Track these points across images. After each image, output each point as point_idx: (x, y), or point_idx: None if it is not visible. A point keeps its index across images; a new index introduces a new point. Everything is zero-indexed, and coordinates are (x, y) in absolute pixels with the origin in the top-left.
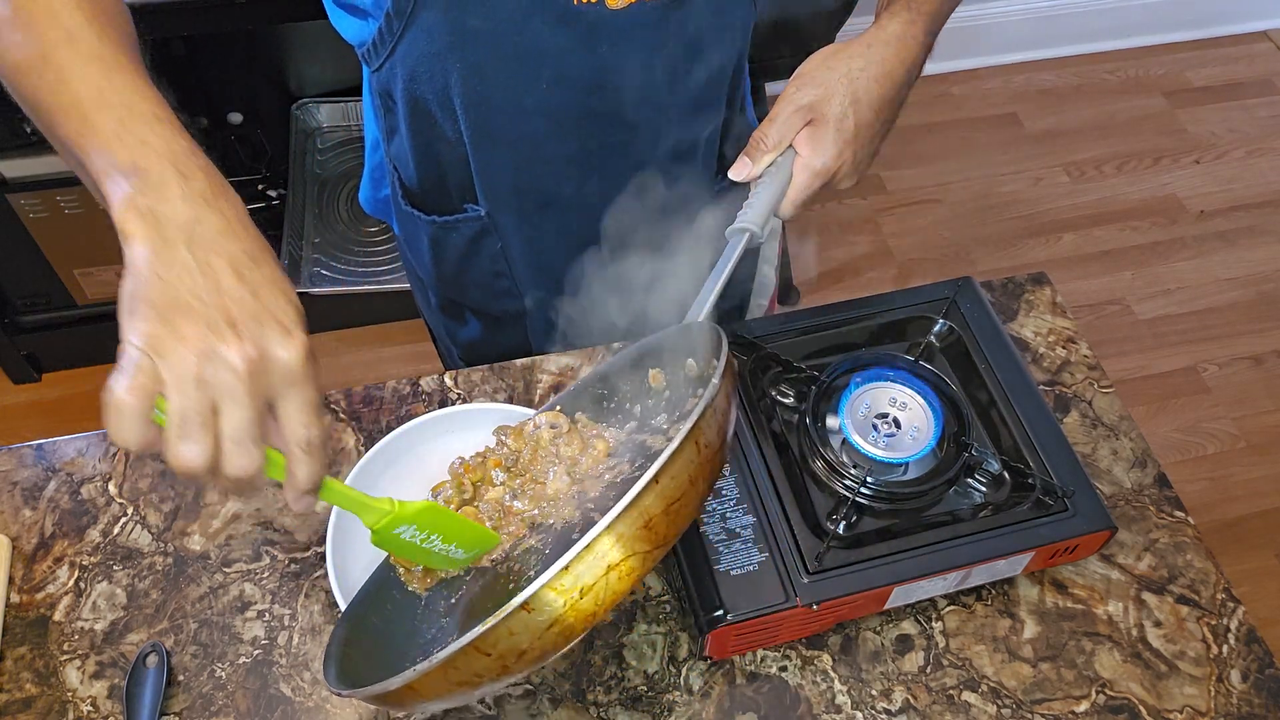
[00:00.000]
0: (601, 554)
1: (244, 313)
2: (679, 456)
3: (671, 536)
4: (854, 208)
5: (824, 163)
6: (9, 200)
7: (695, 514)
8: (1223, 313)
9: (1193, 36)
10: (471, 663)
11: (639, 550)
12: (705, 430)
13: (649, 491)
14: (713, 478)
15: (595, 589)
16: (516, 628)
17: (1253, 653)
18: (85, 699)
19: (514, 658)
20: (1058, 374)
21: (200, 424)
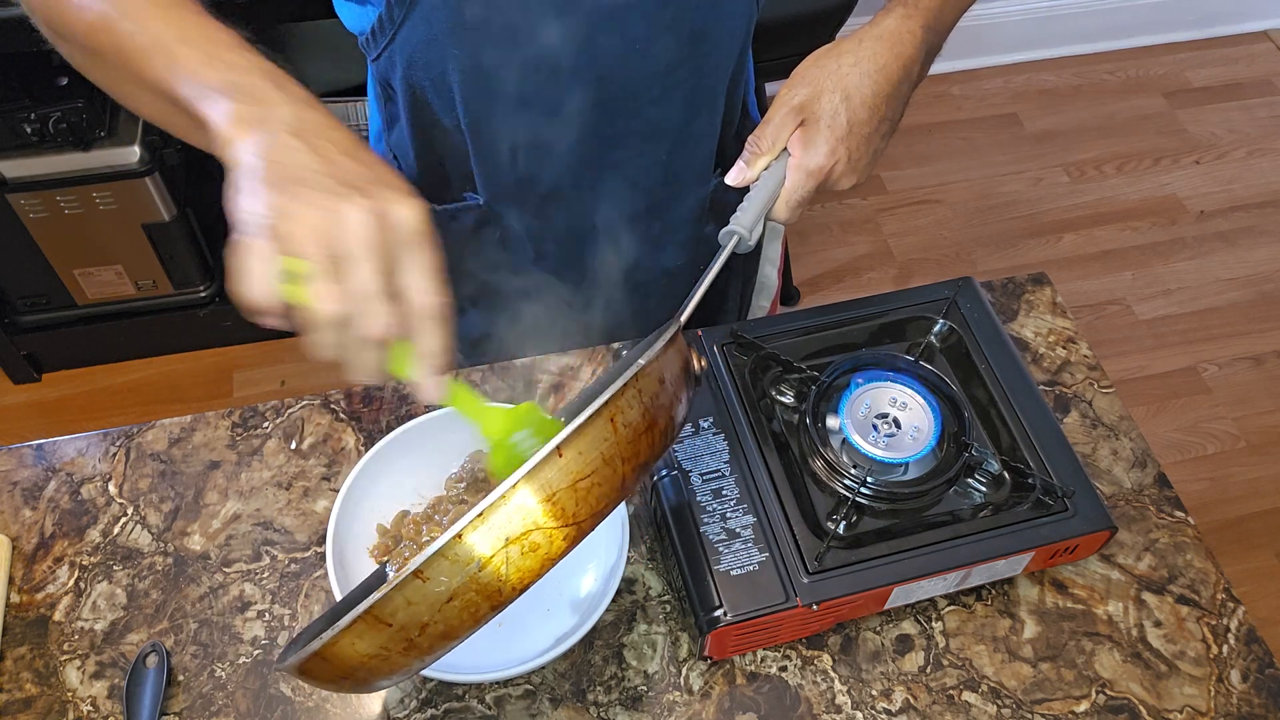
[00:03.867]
0: (498, 524)
1: (363, 179)
2: (586, 431)
3: (583, 517)
4: (854, 208)
5: (817, 162)
6: (9, 200)
7: (617, 497)
8: (1223, 313)
9: (1193, 36)
10: (374, 634)
11: (542, 526)
12: (624, 409)
13: (549, 464)
14: (640, 461)
15: (494, 563)
16: (414, 597)
17: (1253, 653)
18: (85, 699)
19: (417, 630)
20: (1058, 374)
21: (338, 275)
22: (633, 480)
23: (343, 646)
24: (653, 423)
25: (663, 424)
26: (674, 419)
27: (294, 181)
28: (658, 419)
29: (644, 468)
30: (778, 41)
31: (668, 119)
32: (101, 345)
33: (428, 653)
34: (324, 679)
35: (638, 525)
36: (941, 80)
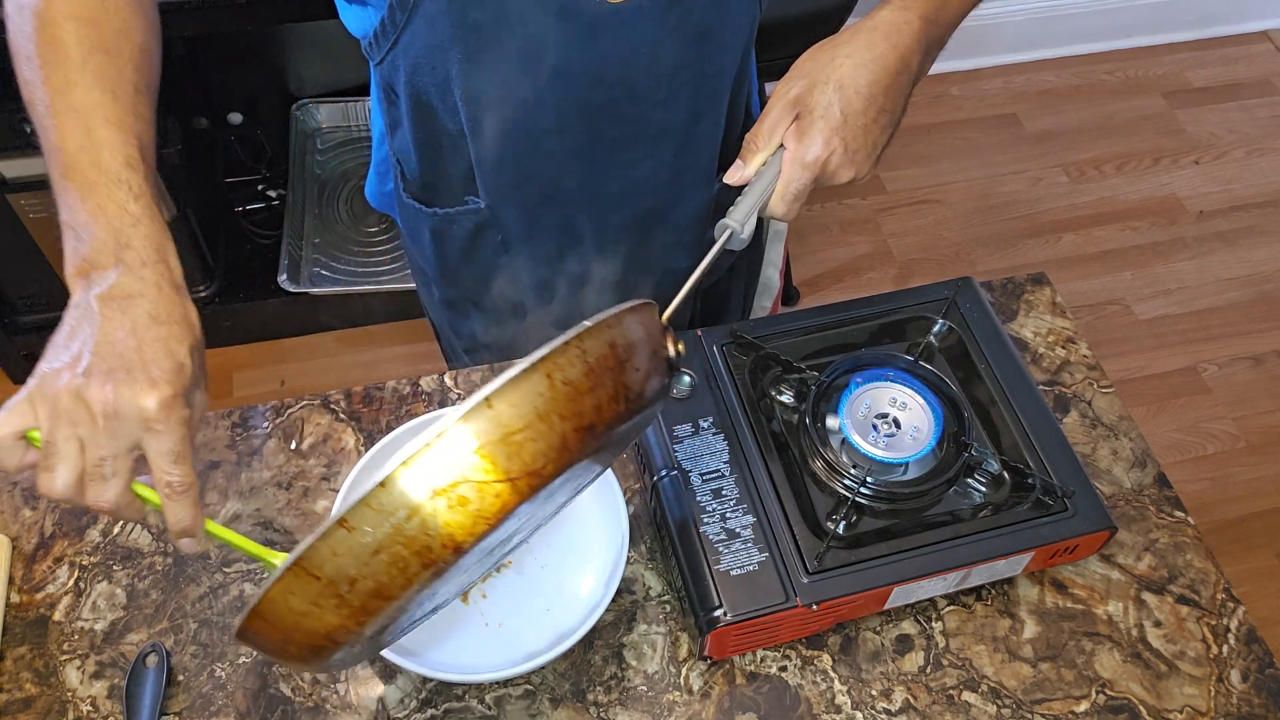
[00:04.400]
0: (422, 473)
1: (120, 364)
2: (521, 384)
3: (517, 473)
4: (854, 208)
5: (812, 154)
6: (9, 200)
7: (559, 458)
8: (1223, 313)
9: (1192, 36)
10: (305, 587)
11: (471, 478)
12: (564, 366)
13: (478, 413)
14: (583, 423)
15: (422, 514)
16: (339, 547)
17: (1253, 653)
18: (85, 699)
19: (346, 584)
20: (1058, 374)
21: (60, 456)
22: (577, 442)
23: (277, 602)
24: (598, 384)
25: (612, 389)
26: (628, 388)
27: (68, 354)
28: (604, 382)
29: (590, 432)
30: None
31: (672, 121)
32: None
33: (362, 612)
34: (270, 643)
35: (638, 525)
36: (941, 80)
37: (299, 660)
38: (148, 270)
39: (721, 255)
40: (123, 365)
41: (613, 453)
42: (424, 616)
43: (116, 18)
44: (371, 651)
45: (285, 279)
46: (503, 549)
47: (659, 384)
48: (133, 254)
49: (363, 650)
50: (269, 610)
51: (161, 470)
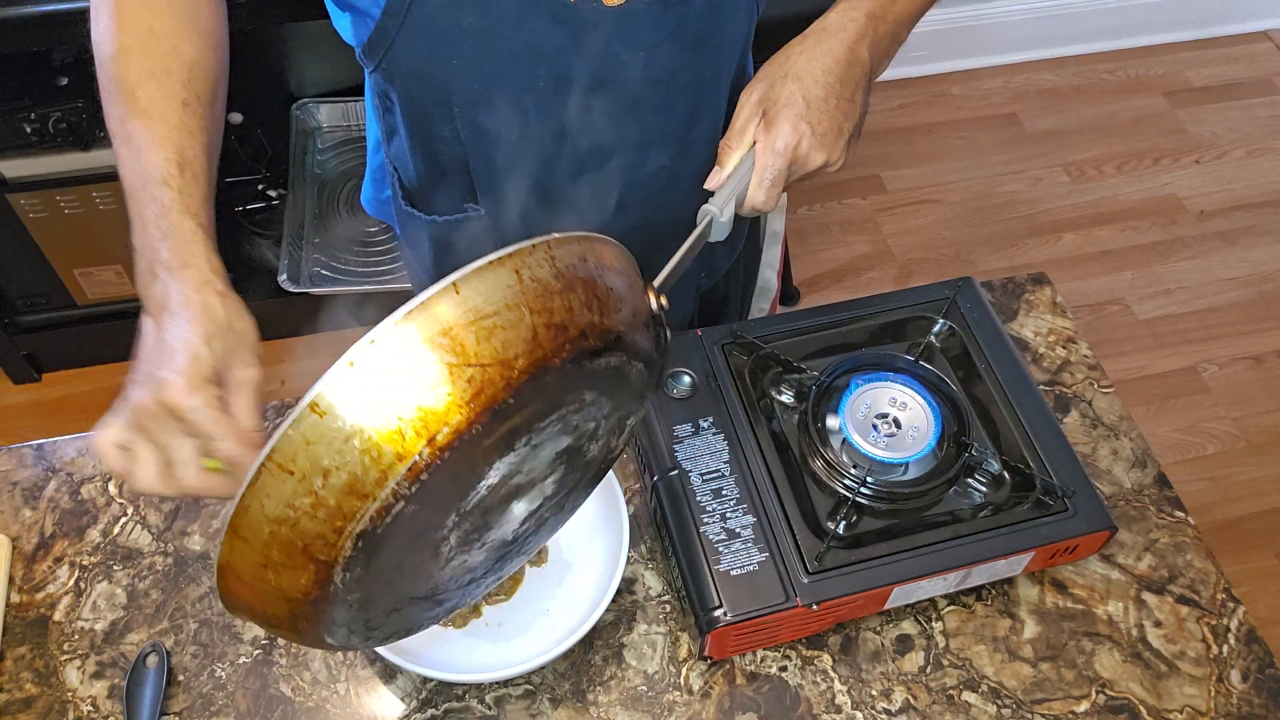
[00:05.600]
0: (387, 353)
1: (147, 370)
2: (488, 273)
3: (487, 359)
4: (854, 208)
5: (782, 140)
6: (9, 200)
7: (529, 350)
8: (1223, 313)
9: (1193, 36)
10: (278, 485)
11: (438, 360)
12: (532, 265)
13: (444, 297)
14: (554, 320)
15: (388, 395)
16: (311, 435)
17: (1253, 653)
18: (85, 699)
19: (320, 478)
20: (1058, 374)
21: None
22: (549, 340)
23: (253, 511)
24: (568, 288)
25: (584, 296)
26: (602, 301)
27: (137, 367)
28: (574, 287)
29: (562, 332)
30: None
31: (670, 125)
32: (101, 345)
33: (338, 516)
34: (251, 577)
35: (638, 525)
36: (941, 80)
37: (291, 606)
38: (172, 278)
39: (705, 243)
40: (148, 370)
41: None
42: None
43: (165, 42)
44: (373, 631)
45: (285, 279)
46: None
47: (640, 325)
48: (161, 266)
49: (359, 612)
50: (245, 524)
51: (209, 449)
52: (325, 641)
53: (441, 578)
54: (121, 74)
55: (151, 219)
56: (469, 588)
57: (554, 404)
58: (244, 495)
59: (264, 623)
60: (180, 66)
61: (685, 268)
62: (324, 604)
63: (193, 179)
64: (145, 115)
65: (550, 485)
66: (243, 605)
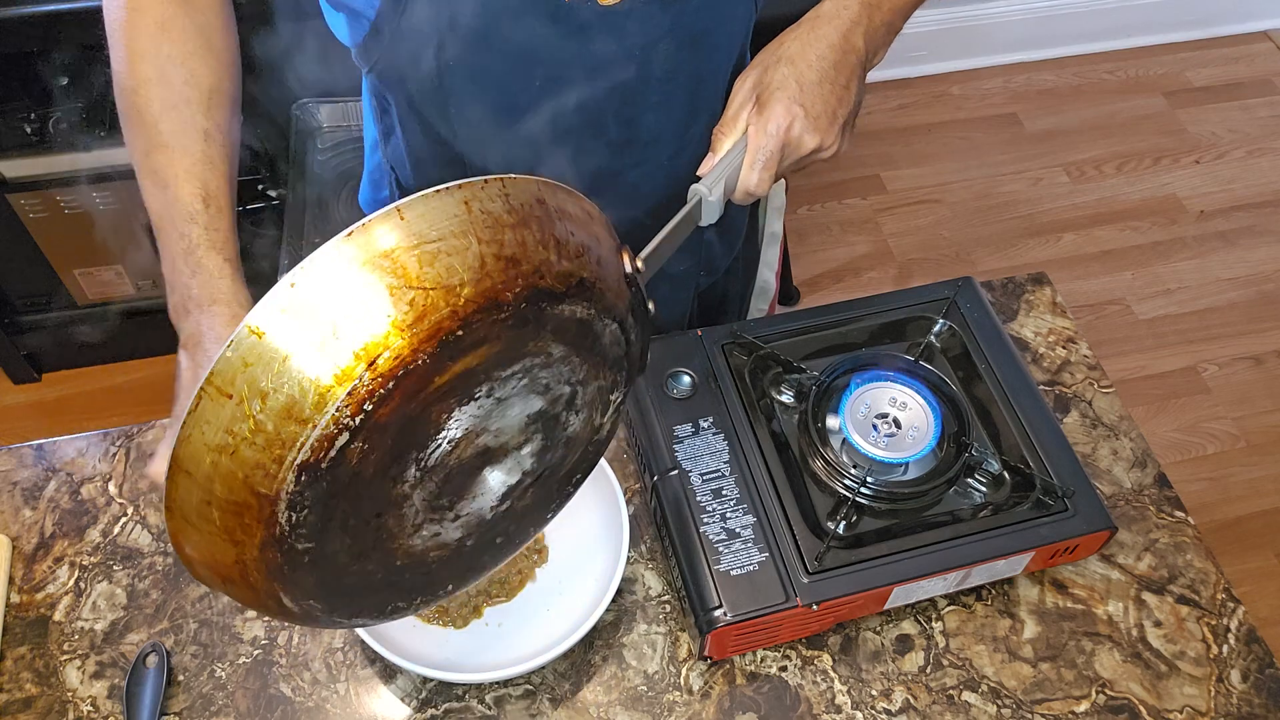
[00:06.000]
0: (326, 273)
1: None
2: (434, 200)
3: (428, 281)
4: (854, 208)
5: (775, 122)
6: (9, 200)
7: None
8: (1223, 313)
9: (1193, 36)
10: (218, 410)
11: (378, 281)
12: (483, 198)
13: (386, 219)
14: (504, 253)
15: (326, 316)
16: (249, 356)
17: (1253, 653)
18: (85, 699)
19: (258, 400)
20: (1058, 374)
21: None
22: (496, 268)
23: (194, 440)
24: (522, 223)
25: (539, 235)
26: (559, 241)
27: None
28: (528, 224)
29: (512, 263)
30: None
31: (667, 124)
32: (101, 345)
33: (276, 443)
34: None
35: (638, 525)
36: (941, 80)
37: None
38: (204, 315)
39: (695, 225)
40: None
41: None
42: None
43: (183, 69)
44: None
45: None
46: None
47: (609, 280)
48: (192, 302)
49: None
50: (187, 455)
51: None
52: (283, 604)
53: (413, 547)
54: (143, 105)
55: (180, 255)
56: (449, 571)
57: (515, 351)
58: (185, 423)
59: (218, 575)
60: (199, 95)
61: (674, 246)
62: (271, 550)
63: (218, 212)
64: (168, 149)
65: (529, 458)
66: (193, 555)
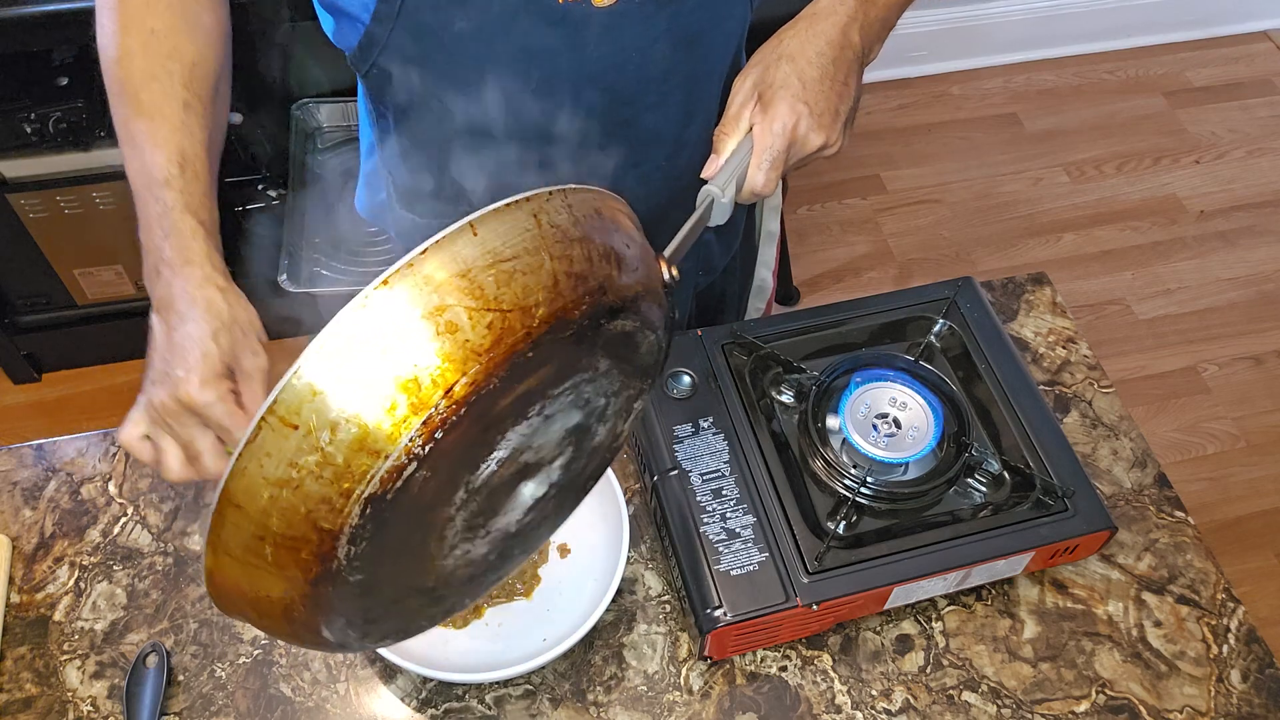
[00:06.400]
0: (401, 293)
1: (161, 368)
2: (506, 216)
3: (506, 304)
4: (854, 208)
5: (780, 119)
6: (9, 200)
7: (549, 299)
8: (1223, 313)
9: (1193, 36)
10: (282, 443)
11: (459, 304)
12: (550, 211)
13: (460, 237)
14: (574, 269)
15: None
16: (319, 384)
17: (1253, 653)
18: (85, 699)
19: (327, 431)
20: (1058, 374)
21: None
22: (570, 289)
23: (250, 474)
24: (586, 236)
25: (603, 248)
26: (620, 256)
27: (147, 365)
28: (592, 237)
29: (581, 281)
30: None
31: (664, 125)
32: (101, 345)
33: (346, 476)
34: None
35: (638, 525)
36: (941, 80)
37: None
38: (176, 276)
39: (704, 227)
40: (163, 369)
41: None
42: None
43: (166, 43)
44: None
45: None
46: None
47: (655, 292)
48: (165, 264)
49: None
50: (240, 489)
51: (228, 440)
52: (320, 635)
53: (444, 568)
54: (125, 76)
55: (155, 218)
56: (469, 585)
57: (570, 368)
58: (240, 456)
59: (254, 610)
60: (181, 67)
61: (688, 248)
62: (324, 585)
63: (194, 177)
64: (148, 116)
65: (558, 470)
66: (232, 589)
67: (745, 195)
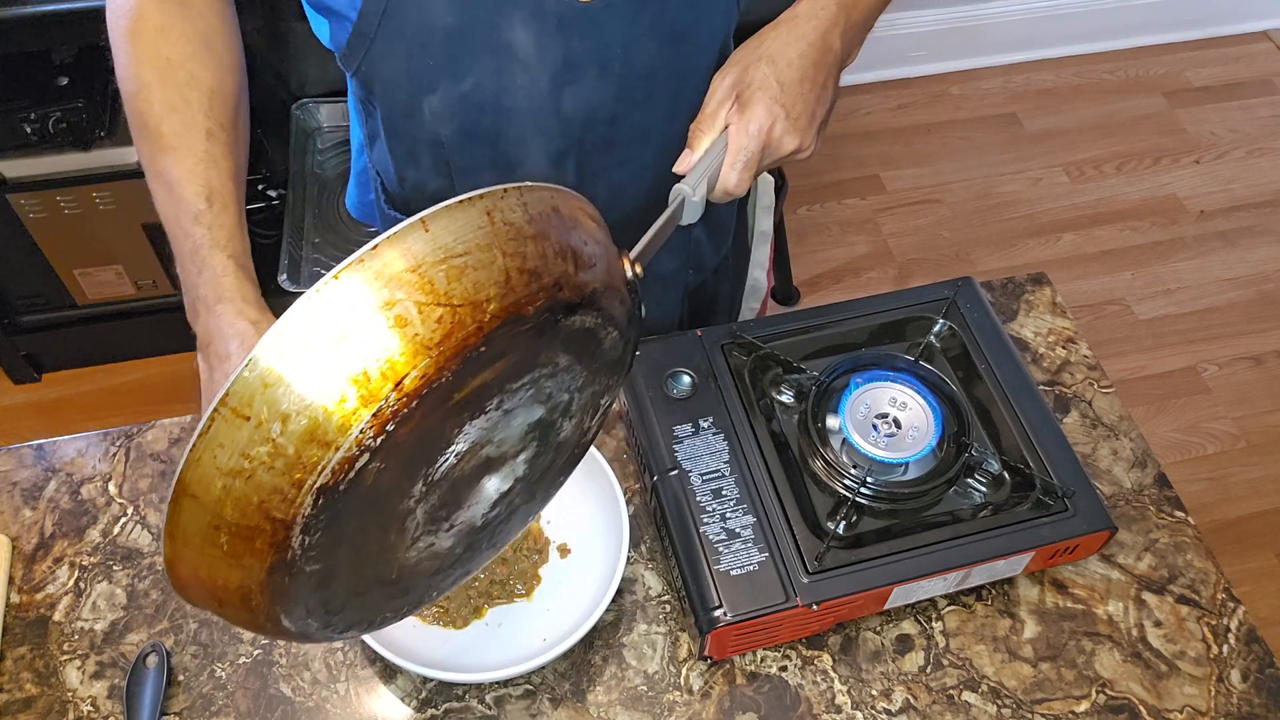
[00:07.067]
0: (350, 289)
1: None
2: (458, 212)
3: (456, 297)
4: (854, 208)
5: (756, 121)
6: (9, 200)
7: (500, 295)
8: (1223, 313)
9: (1193, 36)
10: (234, 434)
11: (406, 298)
12: (504, 208)
13: (413, 232)
14: (527, 266)
15: (351, 334)
16: (269, 376)
17: (1253, 653)
18: (85, 699)
19: (279, 424)
20: (1058, 374)
21: None
22: (522, 286)
23: (204, 464)
24: (540, 235)
25: (558, 245)
26: (577, 253)
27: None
28: (548, 235)
29: (535, 277)
30: None
31: (651, 122)
32: (101, 345)
33: (297, 466)
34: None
35: (638, 525)
36: (941, 80)
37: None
38: (211, 315)
39: (677, 224)
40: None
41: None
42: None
43: (182, 71)
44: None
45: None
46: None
47: (615, 288)
48: (201, 303)
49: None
50: (195, 479)
51: None
52: (281, 624)
53: (408, 560)
54: (146, 109)
55: (187, 255)
56: (435, 578)
57: (527, 363)
58: (195, 445)
59: (214, 599)
60: (200, 95)
61: (658, 247)
62: (280, 574)
63: (221, 209)
64: (172, 150)
65: (522, 464)
66: (191, 579)
67: (717, 195)
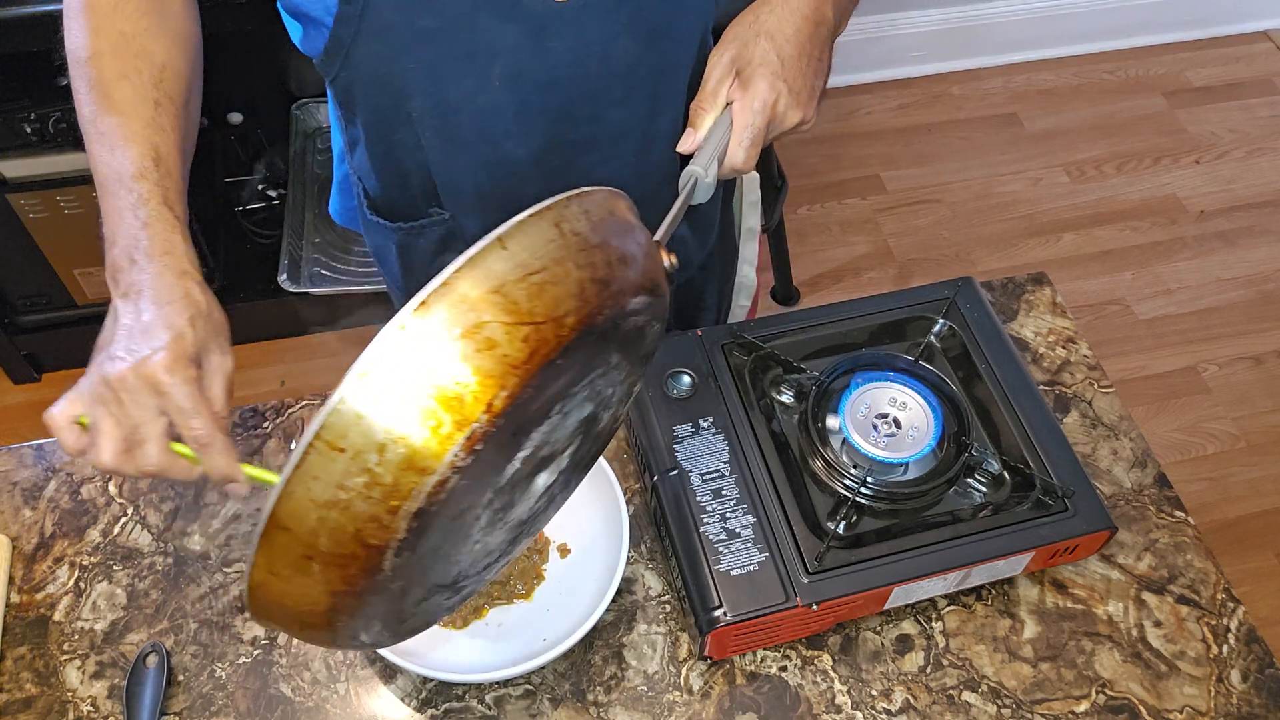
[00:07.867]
0: (444, 314)
1: (128, 345)
2: (530, 227)
3: (540, 316)
4: (854, 208)
5: (761, 97)
6: (9, 200)
7: (577, 308)
8: (1223, 313)
9: (1193, 36)
10: (329, 466)
11: (494, 318)
12: (570, 219)
13: (492, 252)
14: (596, 275)
15: (443, 359)
16: (364, 408)
17: (1253, 653)
18: (85, 699)
19: (375, 453)
20: (1058, 374)
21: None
22: (595, 296)
23: (298, 498)
24: (604, 241)
25: (619, 251)
26: (633, 256)
27: (101, 347)
28: (609, 241)
29: (605, 288)
30: None
31: (631, 120)
32: None
33: (394, 494)
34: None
35: (638, 525)
36: (941, 80)
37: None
38: (152, 263)
39: (687, 205)
40: (129, 345)
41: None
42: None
43: (135, 44)
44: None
45: (285, 279)
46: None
47: (661, 283)
48: (140, 252)
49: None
50: (288, 512)
51: (181, 426)
52: (357, 639)
53: (464, 561)
54: (95, 74)
55: (129, 208)
56: (484, 573)
57: (589, 367)
58: (289, 480)
59: (298, 623)
60: (151, 68)
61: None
62: (369, 594)
63: (167, 173)
64: (119, 112)
65: (567, 457)
66: (275, 606)
67: (725, 171)
